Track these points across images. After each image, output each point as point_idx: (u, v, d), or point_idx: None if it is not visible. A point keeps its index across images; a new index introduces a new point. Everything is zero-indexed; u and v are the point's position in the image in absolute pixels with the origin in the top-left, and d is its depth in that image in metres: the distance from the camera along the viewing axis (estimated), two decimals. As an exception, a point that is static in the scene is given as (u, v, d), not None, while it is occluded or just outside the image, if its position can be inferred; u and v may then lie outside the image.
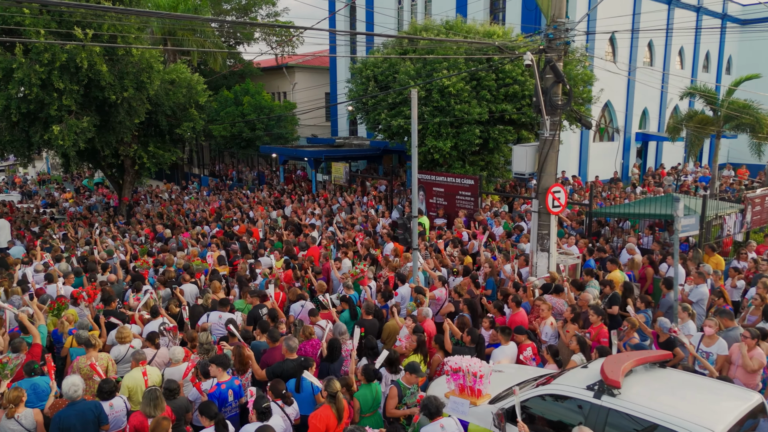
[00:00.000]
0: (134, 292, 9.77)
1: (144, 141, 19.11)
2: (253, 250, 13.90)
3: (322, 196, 19.51)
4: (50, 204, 28.04)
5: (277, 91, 33.13)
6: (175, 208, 20.91)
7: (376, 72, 16.78)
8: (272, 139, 26.96)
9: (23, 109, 14.37)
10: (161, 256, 13.21)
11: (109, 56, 15.10)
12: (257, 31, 32.50)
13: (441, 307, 9.24)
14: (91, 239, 15.15)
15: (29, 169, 59.68)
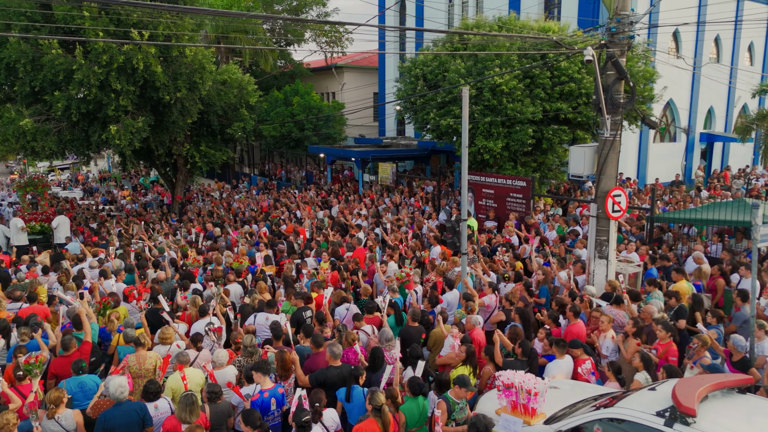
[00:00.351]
0: (182, 290, 9.85)
1: (196, 140, 19.48)
2: (299, 250, 13.88)
3: (368, 196, 19.34)
4: (109, 201, 29.17)
5: (326, 91, 33.28)
6: (226, 207, 21.24)
7: (425, 71, 16.45)
8: (320, 139, 27.07)
9: (83, 109, 14.86)
10: (210, 255, 13.36)
11: (164, 57, 15.43)
12: (307, 31, 32.72)
13: (490, 315, 8.84)
14: (144, 236, 15.55)
15: (92, 167, 62.77)
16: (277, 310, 8.46)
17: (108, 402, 5.47)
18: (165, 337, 7.27)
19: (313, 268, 11.69)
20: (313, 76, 32.71)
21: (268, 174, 30.19)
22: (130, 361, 6.64)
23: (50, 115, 15.42)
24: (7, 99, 16.30)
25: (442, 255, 11.48)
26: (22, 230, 15.07)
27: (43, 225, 16.47)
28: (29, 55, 14.37)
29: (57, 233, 15.70)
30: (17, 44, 14.20)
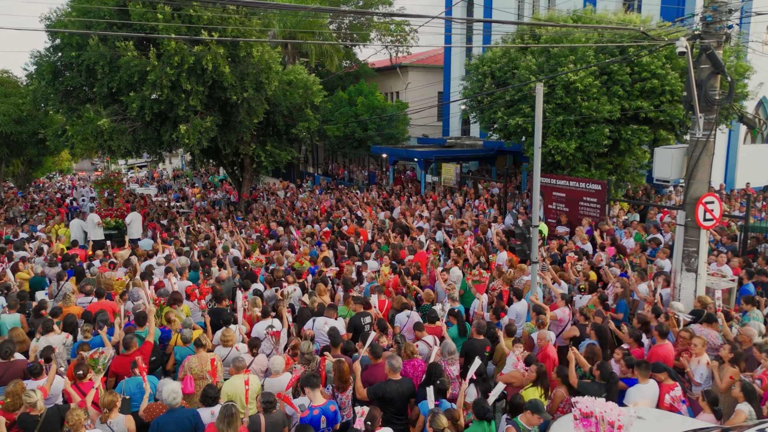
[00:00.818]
0: (242, 290, 9.82)
1: (262, 140, 19.75)
2: (359, 252, 13.65)
3: (430, 198, 18.89)
4: (181, 198, 30.31)
5: (389, 91, 33.07)
6: (289, 206, 21.44)
7: (493, 68, 15.79)
8: (383, 139, 26.86)
9: (155, 109, 15.34)
10: (272, 254, 13.38)
11: (232, 58, 15.67)
12: (373, 31, 32.66)
13: (563, 330, 8.19)
14: (211, 234, 15.85)
15: (167, 165, 65.92)
16: (336, 314, 8.21)
17: (162, 407, 5.36)
18: (227, 339, 7.16)
19: (373, 271, 11.42)
20: (378, 75, 32.59)
21: (331, 174, 30.35)
22: (192, 362, 6.56)
23: (126, 115, 16.03)
24: (87, 100, 17.12)
25: (508, 262, 10.87)
26: (98, 225, 15.76)
27: (118, 221, 17.16)
28: (107, 57, 14.97)
29: (130, 229, 16.30)
30: (96, 47, 14.83)
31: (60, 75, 16.57)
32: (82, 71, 16.00)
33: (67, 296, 8.88)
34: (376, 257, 12.17)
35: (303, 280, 10.70)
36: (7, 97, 19.66)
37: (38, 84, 16.44)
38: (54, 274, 11.83)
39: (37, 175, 40.01)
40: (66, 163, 49.75)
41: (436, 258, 11.66)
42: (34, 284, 11.07)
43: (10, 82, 20.92)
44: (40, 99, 16.75)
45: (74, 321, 7.77)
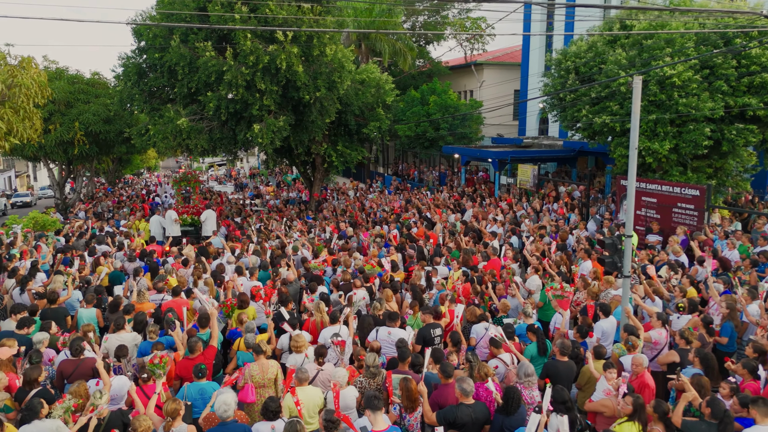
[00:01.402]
0: (308, 293, 9.59)
1: (333, 140, 19.69)
2: (428, 256, 13.13)
3: (505, 200, 18.02)
4: (256, 196, 31.11)
5: (463, 89, 32.27)
6: (359, 206, 21.26)
7: (577, 63, 14.75)
8: (455, 138, 26.16)
9: (231, 108, 15.58)
10: (339, 255, 13.13)
11: (305, 57, 15.64)
12: (447, 28, 32.00)
13: (658, 354, 7.28)
14: (281, 233, 15.89)
15: (244, 164, 68.41)
16: (401, 323, 7.73)
17: (217, 418, 5.12)
18: (298, 345, 6.86)
19: (443, 278, 10.87)
20: (451, 74, 31.87)
21: (401, 174, 29.99)
22: (253, 370, 6.33)
23: (203, 115, 16.41)
24: (168, 100, 17.74)
25: (593, 273, 9.96)
26: (175, 222, 16.23)
27: (194, 218, 17.63)
28: (187, 58, 15.36)
29: (205, 226, 16.67)
30: (177, 48, 15.25)
31: (144, 76, 17.27)
32: (164, 72, 16.55)
33: (141, 293, 9.00)
34: (447, 262, 11.60)
35: (371, 284, 10.35)
36: (97, 98, 20.83)
37: (124, 85, 17.21)
38: (132, 269, 12.19)
39: (126, 172, 42.59)
40: (153, 161, 52.69)
41: (508, 269, 10.91)
42: (113, 279, 11.42)
43: (100, 83, 22.21)
44: (126, 99, 17.55)
45: (144, 319, 7.78)
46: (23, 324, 7.21)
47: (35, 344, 6.82)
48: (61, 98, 19.82)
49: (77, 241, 14.16)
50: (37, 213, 16.18)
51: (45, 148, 19.89)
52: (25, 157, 22.05)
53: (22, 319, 7.29)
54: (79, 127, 19.85)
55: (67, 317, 8.51)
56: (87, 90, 21.13)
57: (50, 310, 8.36)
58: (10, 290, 9.76)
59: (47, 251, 12.33)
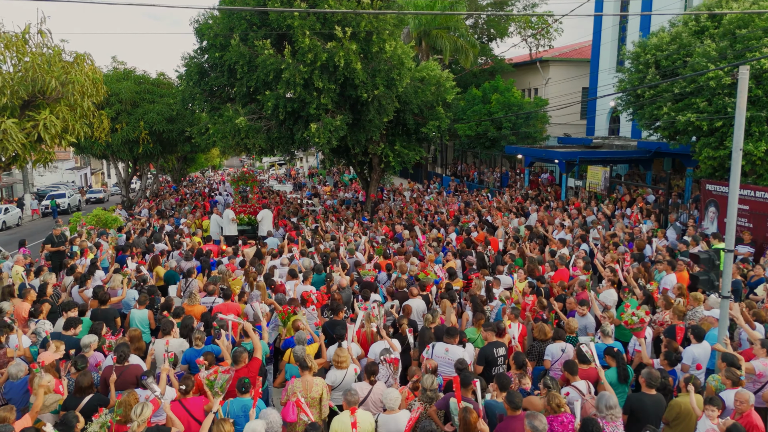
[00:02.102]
0: (361, 300, 9.08)
1: (391, 140, 19.17)
2: (490, 263, 12.34)
3: (573, 204, 16.88)
4: (314, 195, 31.15)
5: (527, 87, 30.99)
6: (416, 208, 20.66)
7: (658, 56, 13.50)
8: (518, 138, 25.07)
9: (289, 108, 15.38)
10: (395, 260, 12.58)
11: (364, 54, 15.21)
12: (512, 24, 30.84)
13: (762, 388, 6.26)
14: (337, 234, 15.53)
15: (303, 164, 69.39)
16: (461, 341, 7.05)
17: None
18: (340, 360, 6.37)
19: (506, 288, 10.09)
20: (515, 71, 30.69)
21: (460, 175, 29.12)
22: (296, 386, 5.87)
23: (261, 114, 16.31)
24: (228, 99, 17.80)
25: (677, 289, 8.89)
26: (232, 221, 16.21)
27: (251, 217, 17.60)
28: (246, 57, 15.28)
29: (261, 226, 16.57)
30: (237, 47, 15.19)
31: (205, 76, 17.40)
32: (225, 71, 16.59)
33: (192, 295, 8.79)
34: (510, 271, 10.79)
35: (427, 292, 9.73)
36: (162, 98, 21.34)
37: (186, 84, 17.42)
38: (189, 269, 12.12)
39: (191, 170, 43.95)
40: (217, 160, 54.27)
41: (575, 278, 9.98)
42: (168, 279, 11.37)
43: (165, 83, 22.79)
44: (188, 99, 17.77)
45: (190, 324, 7.50)
46: (70, 324, 7.08)
47: (83, 348, 6.66)
48: (127, 98, 20.42)
49: (138, 238, 14.35)
50: (100, 210, 16.61)
51: (112, 146, 20.56)
52: (94, 155, 22.92)
53: (69, 319, 7.16)
54: (143, 127, 20.38)
55: (116, 318, 8.40)
56: (152, 90, 21.71)
57: (100, 310, 8.27)
58: (69, 288, 9.85)
59: (108, 249, 12.48)
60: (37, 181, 48.32)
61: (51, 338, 6.84)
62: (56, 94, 7.05)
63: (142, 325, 8.50)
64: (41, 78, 6.81)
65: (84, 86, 7.31)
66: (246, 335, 6.90)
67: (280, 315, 7.75)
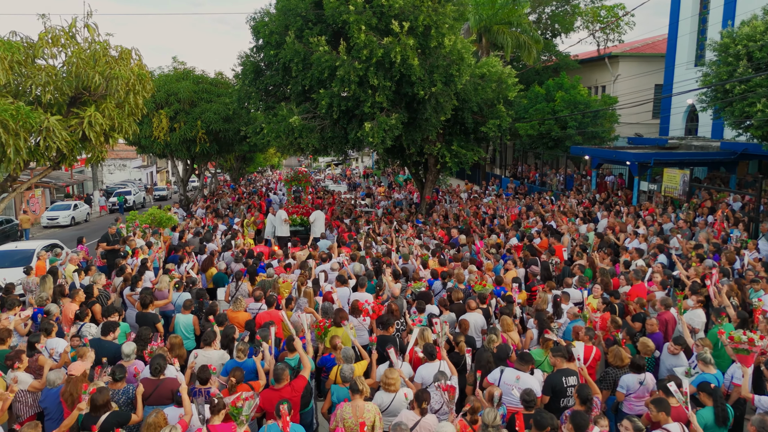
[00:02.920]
0: (415, 312, 8.40)
1: (448, 139, 18.38)
2: (555, 274, 11.36)
3: (647, 210, 15.52)
4: (368, 195, 30.75)
5: (594, 84, 29.33)
6: (473, 210, 19.77)
7: (751, 47, 12.06)
8: (584, 139, 23.63)
9: (343, 106, 14.91)
10: (450, 267, 11.82)
11: (421, 50, 14.52)
12: (578, 18, 29.27)
13: None
14: (390, 238, 14.91)
15: (359, 164, 69.51)
16: (530, 366, 6.23)
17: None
18: (389, 382, 5.73)
19: (575, 303, 9.13)
20: (581, 68, 29.10)
21: (520, 177, 27.87)
22: (345, 412, 5.27)
23: (316, 113, 15.95)
24: (282, 98, 17.57)
25: (779, 312, 7.68)
26: (284, 222, 15.91)
27: (303, 218, 17.27)
28: (301, 54, 14.93)
29: (313, 227, 16.19)
30: (292, 44, 14.88)
31: (261, 74, 17.25)
32: (279, 70, 16.34)
33: (238, 300, 8.40)
34: (580, 284, 9.79)
35: (486, 305, 8.93)
36: (219, 97, 21.47)
37: (242, 83, 17.32)
38: (238, 271, 11.82)
39: (249, 169, 44.65)
40: (275, 159, 55.07)
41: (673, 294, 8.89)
42: (216, 281, 11.12)
43: (222, 83, 22.99)
44: (244, 98, 17.68)
45: (232, 334, 7.06)
46: (108, 329, 6.78)
47: (124, 356, 6.32)
48: (185, 98, 20.65)
49: (192, 238, 14.28)
50: (156, 209, 16.74)
51: (170, 145, 20.85)
52: (154, 153, 23.41)
53: (105, 323, 6.86)
54: (200, 126, 20.54)
55: (157, 324, 8.10)
56: (210, 89, 21.89)
57: (140, 315, 7.99)
58: (118, 289, 9.72)
59: (160, 248, 12.39)
60: (107, 179, 50.66)
61: (92, 344, 6.57)
62: (101, 90, 6.77)
63: (186, 331, 8.18)
64: (85, 73, 6.54)
65: (129, 82, 7.00)
66: (291, 348, 6.36)
67: (316, 330, 7.17)
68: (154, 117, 19.81)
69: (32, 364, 6.47)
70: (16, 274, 11.54)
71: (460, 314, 8.55)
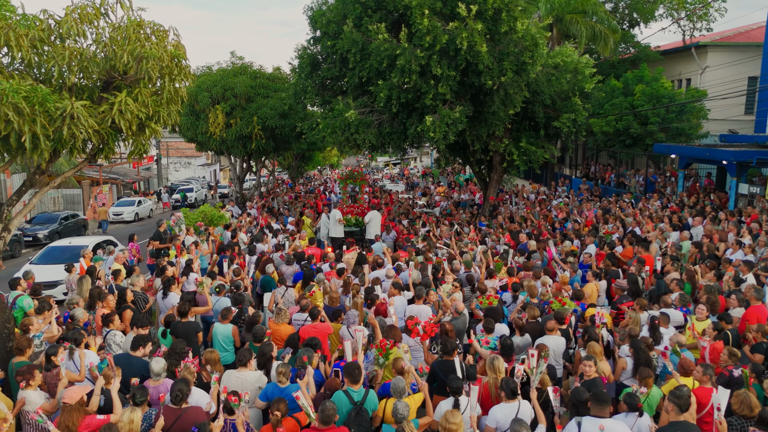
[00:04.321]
0: (483, 332, 7.20)
1: (516, 135, 16.89)
2: (645, 290, 9.79)
3: (750, 217, 13.48)
4: (424, 194, 29.56)
5: (677, 77, 26.76)
6: (542, 213, 18.18)
7: None
8: (667, 136, 21.41)
9: (402, 99, 13.84)
10: (520, 277, 10.51)
11: (490, 35, 13.20)
12: (660, 6, 26.82)
13: None
14: (450, 241, 13.69)
15: (418, 163, 68.44)
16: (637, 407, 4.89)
17: None
18: (450, 425, 4.57)
19: (676, 327, 7.62)
20: (663, 60, 26.63)
21: (593, 177, 25.78)
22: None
23: (373, 107, 14.97)
24: (339, 92, 16.71)
25: None
26: (338, 222, 15.00)
27: (358, 218, 16.33)
28: (359, 44, 13.99)
29: (368, 228, 15.23)
30: (350, 33, 13.97)
31: (317, 67, 16.45)
32: (336, 62, 15.48)
33: (281, 312, 7.49)
34: (680, 303, 8.22)
35: (566, 326, 7.59)
36: (276, 93, 20.91)
37: (298, 77, 16.59)
38: (290, 274, 11.02)
39: (308, 168, 44.46)
40: (334, 159, 54.85)
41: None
42: (263, 285, 10.33)
43: (280, 78, 22.43)
44: (300, 92, 16.94)
45: (269, 353, 6.11)
46: (138, 343, 5.99)
47: (153, 375, 5.49)
48: (242, 93, 20.17)
49: (243, 237, 13.65)
50: (207, 206, 16.27)
51: (226, 141, 20.47)
52: (210, 150, 23.16)
53: (137, 337, 6.08)
54: (256, 122, 20.02)
55: (198, 333, 7.33)
56: (267, 85, 21.36)
57: (180, 324, 7.22)
58: (158, 292, 9.08)
59: (207, 248, 11.77)
60: (172, 176, 52.09)
61: (119, 361, 5.80)
62: (132, 72, 5.99)
63: (225, 343, 7.35)
64: (113, 53, 5.77)
65: (163, 62, 6.19)
66: (354, 377, 5.29)
67: (378, 350, 6.07)
68: (210, 112, 19.47)
69: (52, 380, 5.79)
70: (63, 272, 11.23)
71: (537, 336, 7.28)
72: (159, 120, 7.14)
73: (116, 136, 7.21)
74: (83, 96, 6.47)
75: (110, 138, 7.09)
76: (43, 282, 12.45)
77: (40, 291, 8.99)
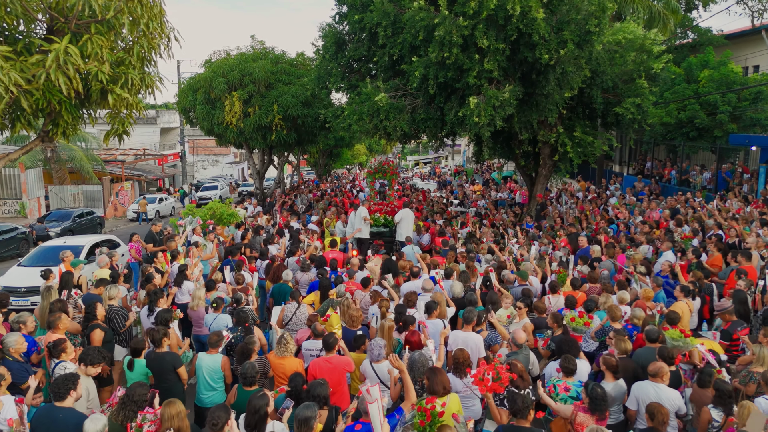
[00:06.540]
0: (559, 373, 5.20)
1: (569, 124, 14.67)
2: (757, 312, 7.60)
3: None
4: (453, 193, 27.52)
5: (744, 64, 24.00)
6: (597, 214, 15.95)
7: None
8: (739, 127, 18.87)
9: (440, 77, 11.84)
10: (585, 291, 8.47)
11: (548, 0, 11.10)
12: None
13: None
14: (493, 246, 11.67)
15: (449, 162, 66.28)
16: None
17: None
18: None
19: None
20: (728, 44, 23.91)
21: (648, 174, 23.22)
22: None
23: (406, 90, 13.05)
24: (367, 74, 14.81)
25: None
26: (365, 222, 13.09)
27: (387, 218, 14.41)
28: (391, 17, 12.09)
29: (399, 229, 13.30)
30: (380, 4, 12.08)
31: (343, 47, 14.58)
32: (365, 40, 13.61)
33: (284, 342, 5.58)
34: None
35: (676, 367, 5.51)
36: (299, 79, 19.13)
37: (322, 59, 14.77)
38: (306, 282, 9.24)
39: (336, 166, 42.85)
40: (363, 157, 53.21)
41: None
42: (274, 296, 8.53)
43: (303, 63, 20.58)
44: (324, 76, 15.10)
45: (262, 409, 4.23)
46: (64, 386, 4.19)
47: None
48: (261, 78, 18.40)
49: (254, 239, 11.91)
50: (217, 202, 14.56)
51: (245, 132, 18.77)
52: (228, 141, 21.45)
53: (61, 378, 4.28)
54: (277, 111, 18.25)
55: (179, 369, 5.52)
56: (289, 71, 19.54)
57: (153, 355, 5.43)
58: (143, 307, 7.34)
59: (210, 252, 10.03)
60: (200, 174, 51.15)
61: (33, 416, 4.05)
62: (77, 10, 4.20)
63: (213, 379, 5.54)
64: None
65: (131, 8, 4.40)
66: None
67: (421, 415, 4.10)
68: (227, 100, 17.79)
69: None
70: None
71: (630, 381, 5.26)
72: (127, 83, 5.37)
73: (71, 104, 5.48)
74: (17, 47, 4.72)
75: (63, 106, 5.35)
76: (30, 287, 11.04)
77: (7, 302, 7.35)
